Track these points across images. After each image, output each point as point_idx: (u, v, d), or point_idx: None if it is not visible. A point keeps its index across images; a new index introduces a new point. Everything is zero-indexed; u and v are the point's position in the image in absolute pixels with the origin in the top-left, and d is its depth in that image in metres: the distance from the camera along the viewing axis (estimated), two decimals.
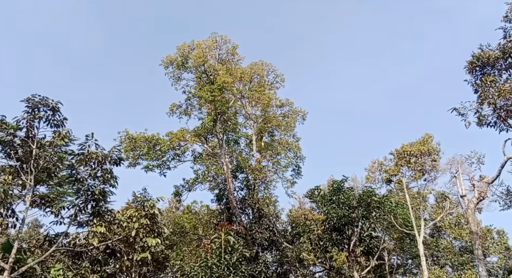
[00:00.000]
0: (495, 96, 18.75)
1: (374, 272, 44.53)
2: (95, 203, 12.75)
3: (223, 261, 8.79)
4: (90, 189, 12.56)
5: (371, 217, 21.18)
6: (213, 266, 8.62)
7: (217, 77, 25.63)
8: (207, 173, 29.24)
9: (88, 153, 13.04)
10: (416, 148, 40.73)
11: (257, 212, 30.16)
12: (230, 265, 8.96)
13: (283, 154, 33.84)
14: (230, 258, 8.92)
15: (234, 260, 26.38)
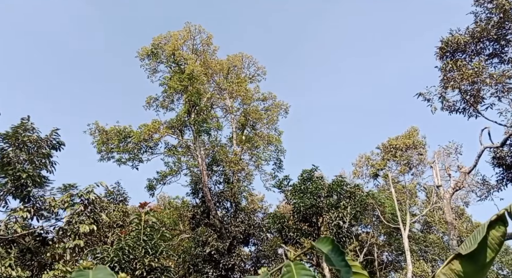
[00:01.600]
0: (458, 79, 18.23)
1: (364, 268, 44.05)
2: (24, 188, 12.30)
3: (140, 243, 8.27)
4: (17, 173, 12.09)
5: (340, 206, 20.69)
6: (126, 247, 8.10)
7: (186, 67, 25.20)
8: (180, 166, 28.82)
9: (21, 136, 12.61)
10: (401, 142, 40.30)
11: (235, 205, 29.77)
12: (149, 247, 8.47)
13: (262, 147, 33.36)
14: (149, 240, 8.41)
15: (206, 253, 26.23)
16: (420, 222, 48.74)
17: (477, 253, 2.39)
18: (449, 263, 2.47)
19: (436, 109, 19.42)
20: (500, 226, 2.36)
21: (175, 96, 27.72)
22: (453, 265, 2.44)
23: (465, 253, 2.39)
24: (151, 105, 30.54)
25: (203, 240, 26.29)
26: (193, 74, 24.58)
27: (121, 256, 8.32)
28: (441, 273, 2.47)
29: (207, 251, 25.57)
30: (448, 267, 2.46)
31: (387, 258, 47.03)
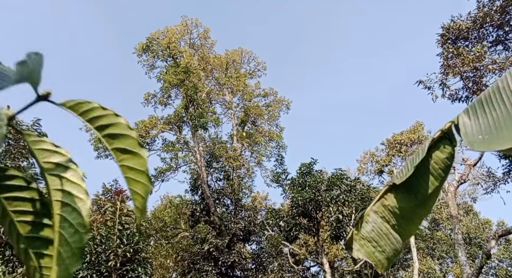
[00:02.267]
0: (459, 65, 17.50)
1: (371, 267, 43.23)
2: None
3: (115, 232, 7.74)
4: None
5: (339, 200, 20.02)
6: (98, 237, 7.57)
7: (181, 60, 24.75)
8: (177, 162, 28.37)
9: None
10: (406, 137, 39.54)
11: (235, 202, 29.26)
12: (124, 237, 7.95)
13: (263, 144, 32.82)
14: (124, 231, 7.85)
15: (205, 251, 25.71)
16: (427, 219, 47.78)
17: (416, 182, 1.80)
18: (382, 198, 1.89)
19: (437, 97, 18.72)
20: (445, 145, 1.77)
21: (173, 92, 27.31)
22: (387, 200, 1.86)
23: (400, 182, 1.81)
24: (149, 102, 30.16)
25: (202, 237, 25.80)
26: (189, 68, 24.09)
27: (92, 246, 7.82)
28: (371, 211, 1.89)
29: (206, 248, 25.04)
30: (380, 203, 1.88)
31: None
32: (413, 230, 1.86)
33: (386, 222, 1.83)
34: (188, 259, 26.07)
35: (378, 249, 1.81)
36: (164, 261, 25.52)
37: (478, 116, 1.62)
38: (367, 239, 1.83)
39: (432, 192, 1.79)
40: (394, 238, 1.82)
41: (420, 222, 1.89)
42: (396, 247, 1.83)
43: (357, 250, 1.85)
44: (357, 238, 1.86)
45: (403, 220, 1.82)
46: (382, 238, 1.82)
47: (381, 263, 1.82)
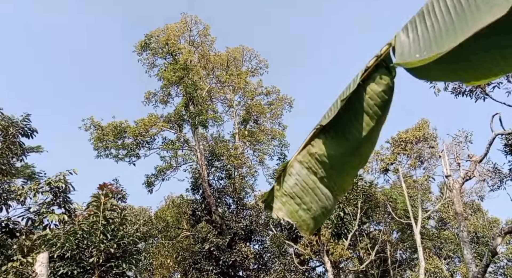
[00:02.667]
0: None
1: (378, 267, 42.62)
2: None
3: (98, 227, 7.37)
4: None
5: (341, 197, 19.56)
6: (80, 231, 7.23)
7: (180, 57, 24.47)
8: (177, 160, 28.09)
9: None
10: (411, 134, 39.00)
11: (237, 201, 28.92)
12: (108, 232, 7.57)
13: (266, 142, 32.46)
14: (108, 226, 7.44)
15: (206, 250, 25.38)
16: (434, 219, 47.08)
17: (348, 123, 1.45)
18: (308, 145, 1.54)
19: (440, 90, 18.24)
20: (382, 76, 1.41)
21: (173, 90, 27.08)
22: (314, 147, 1.50)
23: (328, 122, 1.46)
24: (150, 101, 29.96)
25: (203, 236, 25.48)
26: (188, 65, 23.82)
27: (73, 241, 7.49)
28: (295, 161, 1.54)
29: (207, 247, 24.72)
30: (306, 151, 1.53)
31: (401, 256, 45.43)
32: (346, 183, 1.51)
33: (313, 174, 1.48)
34: (189, 259, 25.76)
35: (303, 207, 1.46)
36: (164, 260, 25.24)
37: (418, 32, 1.26)
38: (290, 195, 1.49)
39: (367, 134, 1.43)
40: (322, 194, 1.47)
41: (355, 173, 1.53)
42: (326, 204, 1.48)
43: (278, 209, 1.51)
44: (278, 195, 1.51)
45: (334, 171, 1.47)
46: (307, 193, 1.47)
47: (305, 223, 1.46)
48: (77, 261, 7.53)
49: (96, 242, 7.48)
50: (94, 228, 7.70)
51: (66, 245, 7.46)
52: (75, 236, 7.57)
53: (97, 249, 7.61)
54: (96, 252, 7.70)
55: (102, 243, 7.54)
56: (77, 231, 7.63)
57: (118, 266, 8.11)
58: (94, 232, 7.66)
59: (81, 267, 7.81)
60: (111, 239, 7.78)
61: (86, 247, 7.48)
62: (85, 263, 7.74)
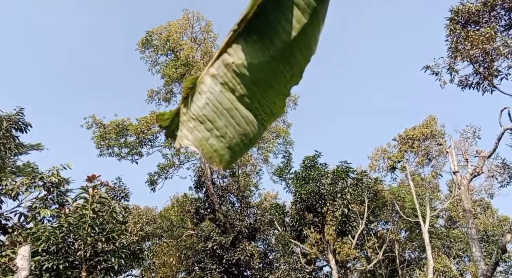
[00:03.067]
0: (468, 48, 16.48)
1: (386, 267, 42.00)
2: None
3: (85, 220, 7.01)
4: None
5: (344, 193, 19.11)
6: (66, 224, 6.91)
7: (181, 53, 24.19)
8: (179, 158, 27.81)
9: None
10: (418, 132, 38.37)
11: (241, 199, 28.58)
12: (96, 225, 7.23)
13: (270, 140, 32.08)
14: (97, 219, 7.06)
15: (209, 249, 25.05)
16: (443, 218, 46.30)
17: (273, 21, 1.09)
18: (224, 53, 1.16)
19: (446, 83, 17.71)
20: None
21: (175, 88, 26.79)
22: (231, 56, 1.13)
23: (246, 22, 1.09)
24: (153, 99, 29.73)
25: (206, 235, 25.16)
26: (189, 61, 23.53)
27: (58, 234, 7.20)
28: (207, 75, 1.17)
29: (209, 246, 24.39)
30: (221, 62, 1.16)
31: (410, 255, 44.73)
32: (275, 105, 1.14)
33: (230, 91, 1.12)
34: (192, 258, 25.45)
35: (215, 133, 1.10)
36: (167, 259, 24.95)
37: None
38: (199, 119, 1.12)
39: (298, 35, 1.07)
40: (242, 117, 1.11)
41: (286, 91, 1.16)
42: (247, 130, 1.11)
43: (183, 137, 1.14)
44: (184, 119, 1.15)
45: (257, 87, 1.11)
46: (221, 116, 1.11)
47: (218, 154, 1.10)
48: (63, 255, 7.24)
49: (83, 235, 7.17)
50: (82, 221, 7.38)
51: (51, 239, 7.19)
52: (60, 229, 7.28)
53: (84, 242, 7.31)
54: (83, 246, 7.40)
55: (89, 237, 7.23)
56: (63, 224, 7.34)
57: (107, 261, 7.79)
58: (82, 225, 7.36)
59: (68, 262, 7.53)
60: (99, 233, 7.47)
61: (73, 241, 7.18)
62: (71, 258, 7.44)
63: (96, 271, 7.74)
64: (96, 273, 7.75)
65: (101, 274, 7.77)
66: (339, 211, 18.66)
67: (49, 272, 7.32)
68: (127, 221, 27.49)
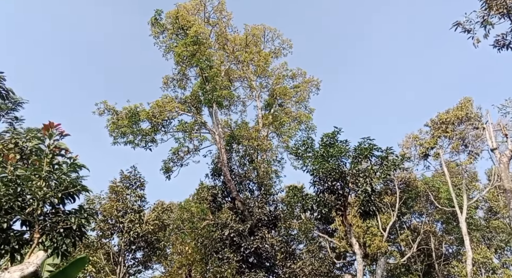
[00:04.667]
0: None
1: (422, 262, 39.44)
2: None
3: (41, 175, 5.74)
4: None
5: (367, 170, 17.29)
6: (10, 176, 5.66)
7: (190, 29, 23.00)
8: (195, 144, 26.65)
9: None
10: (452, 115, 35.68)
11: (258, 186, 27.11)
12: (53, 179, 5.98)
13: (290, 125, 30.48)
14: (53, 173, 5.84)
15: (226, 236, 23.71)
16: (483, 209, 43.05)
17: None
18: None
19: (479, 41, 15.59)
20: None
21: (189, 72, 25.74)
22: None
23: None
24: (168, 86, 28.76)
25: (223, 223, 23.86)
26: (199, 38, 22.31)
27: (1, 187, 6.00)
28: None
29: (226, 233, 23.06)
30: None
31: (447, 249, 41.80)
32: None
33: None
34: (209, 246, 24.22)
35: None
36: (183, 248, 23.83)
37: None
38: None
39: None
40: None
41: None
42: None
43: None
44: None
45: None
46: None
47: None
48: (12, 214, 6.11)
49: (35, 190, 6.01)
50: (34, 175, 6.23)
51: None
52: (6, 182, 6.11)
53: (36, 198, 6.14)
54: (36, 203, 6.21)
55: (40, 190, 6.05)
56: (8, 175, 6.17)
57: (64, 221, 6.57)
58: (34, 179, 6.21)
59: (20, 221, 6.40)
60: (56, 189, 6.29)
61: (21, 195, 6.03)
62: (22, 217, 6.29)
63: (53, 233, 6.55)
64: (53, 235, 6.56)
65: (60, 237, 6.57)
66: (361, 189, 16.85)
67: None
68: (143, 209, 26.74)
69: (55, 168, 6.76)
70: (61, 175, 6.62)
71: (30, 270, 4.93)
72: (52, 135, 6.46)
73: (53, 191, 6.49)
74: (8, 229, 6.39)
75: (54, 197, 6.58)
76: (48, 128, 6.60)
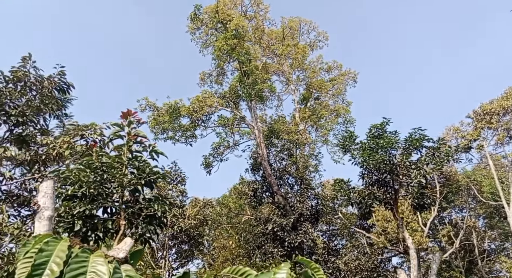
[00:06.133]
0: None
1: (462, 258, 38.22)
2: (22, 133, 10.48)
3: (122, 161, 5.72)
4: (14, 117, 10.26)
5: (419, 161, 16.66)
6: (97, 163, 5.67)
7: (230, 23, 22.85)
8: (235, 139, 26.53)
9: (16, 74, 10.88)
10: (497, 105, 34.27)
11: (298, 180, 26.74)
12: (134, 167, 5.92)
13: (327, 117, 29.96)
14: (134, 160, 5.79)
15: (269, 231, 23.48)
16: None
17: None
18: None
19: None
20: None
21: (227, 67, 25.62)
22: None
23: None
24: (205, 82, 28.81)
25: (265, 217, 23.65)
26: (239, 31, 22.13)
27: (89, 174, 5.94)
28: None
29: (270, 228, 22.84)
30: None
31: (489, 245, 40.30)
32: None
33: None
34: (252, 241, 24.07)
35: None
36: (226, 243, 23.78)
37: None
38: None
39: None
40: None
41: None
42: None
43: None
44: None
45: None
46: None
47: None
48: (98, 201, 6.06)
49: (118, 176, 5.93)
50: (117, 162, 6.15)
51: (82, 180, 6.01)
52: (93, 169, 6.07)
53: (119, 184, 6.06)
54: (121, 190, 6.15)
55: (125, 177, 5.98)
56: (95, 163, 6.12)
57: (148, 208, 6.47)
58: (118, 167, 6.14)
59: (104, 209, 6.33)
60: (139, 175, 6.20)
61: (106, 182, 5.96)
62: (108, 204, 6.23)
63: (138, 219, 6.46)
64: (138, 222, 6.47)
65: (143, 224, 6.47)
66: (415, 181, 16.24)
67: (82, 219, 6.12)
68: (185, 204, 26.82)
69: (133, 156, 6.68)
70: (142, 162, 6.54)
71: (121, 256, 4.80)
72: (131, 123, 6.38)
73: (136, 178, 6.41)
74: (94, 216, 6.35)
75: (138, 185, 6.49)
76: (126, 116, 6.52)
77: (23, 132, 10.51)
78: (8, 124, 10.66)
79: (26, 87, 11.30)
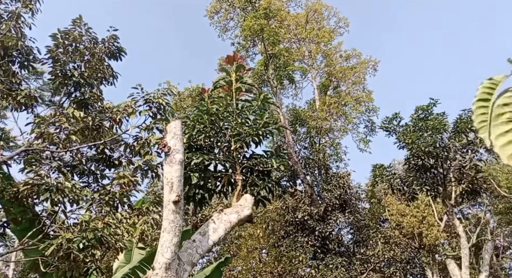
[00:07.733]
0: None
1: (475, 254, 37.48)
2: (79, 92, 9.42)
3: (233, 109, 4.92)
4: (68, 75, 9.16)
5: (475, 144, 15.69)
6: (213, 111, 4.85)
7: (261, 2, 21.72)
8: None
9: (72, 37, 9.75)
10: None
11: (323, 169, 25.67)
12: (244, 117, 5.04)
13: (351, 105, 28.94)
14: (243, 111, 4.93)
15: (298, 220, 22.42)
16: None
17: None
18: None
19: None
20: None
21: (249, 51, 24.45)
22: None
23: None
24: None
25: (293, 205, 22.56)
26: (270, 9, 20.98)
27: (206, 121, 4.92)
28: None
29: (300, 216, 21.76)
30: None
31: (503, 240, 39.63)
32: None
33: None
34: (280, 230, 22.99)
35: None
36: (254, 231, 22.63)
37: None
38: None
39: None
40: None
41: None
42: None
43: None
44: None
45: None
46: None
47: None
48: (212, 151, 5.02)
49: (232, 125, 4.93)
50: (227, 110, 5.15)
51: (197, 127, 5.00)
52: (210, 115, 5.04)
53: (235, 134, 5.05)
54: (234, 142, 5.12)
55: (238, 127, 4.98)
56: (209, 108, 5.09)
57: (265, 163, 5.41)
58: (229, 115, 5.12)
59: (217, 159, 5.30)
60: (251, 126, 5.19)
61: (221, 131, 4.97)
62: (222, 156, 5.20)
63: (252, 176, 5.38)
64: (252, 179, 5.39)
65: (260, 181, 5.41)
66: (471, 165, 15.25)
67: (198, 171, 5.02)
68: None
69: (243, 105, 5.57)
70: (252, 112, 5.42)
71: (245, 214, 3.81)
72: (238, 68, 5.29)
73: (252, 129, 5.29)
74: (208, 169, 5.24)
75: (254, 136, 5.37)
76: (231, 61, 5.42)
77: (83, 95, 9.43)
78: (68, 87, 9.58)
79: (83, 49, 10.19)
